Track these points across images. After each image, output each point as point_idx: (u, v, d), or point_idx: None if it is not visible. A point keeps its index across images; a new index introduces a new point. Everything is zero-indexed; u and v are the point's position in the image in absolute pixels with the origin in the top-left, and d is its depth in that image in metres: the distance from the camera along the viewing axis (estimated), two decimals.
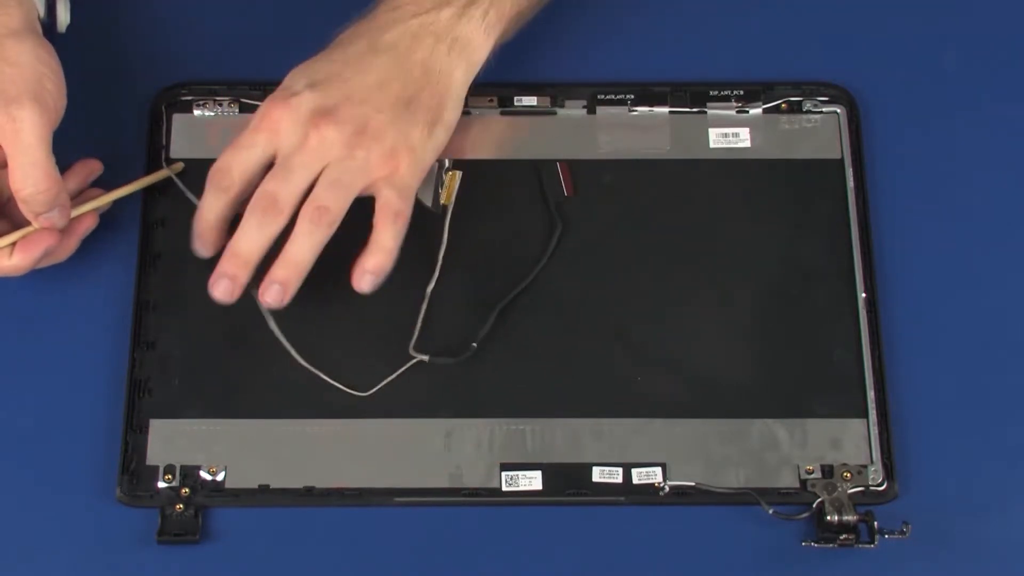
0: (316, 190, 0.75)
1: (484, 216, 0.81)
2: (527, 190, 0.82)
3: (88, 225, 0.79)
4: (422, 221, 0.79)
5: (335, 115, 0.75)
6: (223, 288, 0.75)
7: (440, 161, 0.80)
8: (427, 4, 0.78)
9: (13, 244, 0.76)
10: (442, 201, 0.81)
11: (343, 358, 0.79)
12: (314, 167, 0.75)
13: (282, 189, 0.75)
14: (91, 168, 0.80)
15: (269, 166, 0.76)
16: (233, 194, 0.76)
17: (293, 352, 0.78)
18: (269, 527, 0.76)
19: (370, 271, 0.76)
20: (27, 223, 0.76)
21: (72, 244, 0.78)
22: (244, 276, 0.75)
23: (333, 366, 0.78)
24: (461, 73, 0.78)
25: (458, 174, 0.81)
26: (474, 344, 0.79)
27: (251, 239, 0.75)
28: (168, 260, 0.81)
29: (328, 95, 0.76)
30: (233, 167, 0.76)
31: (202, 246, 0.77)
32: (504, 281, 0.80)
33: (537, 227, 0.82)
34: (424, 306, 0.79)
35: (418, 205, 0.78)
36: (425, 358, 0.78)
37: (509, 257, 0.81)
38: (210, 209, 0.76)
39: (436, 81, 0.78)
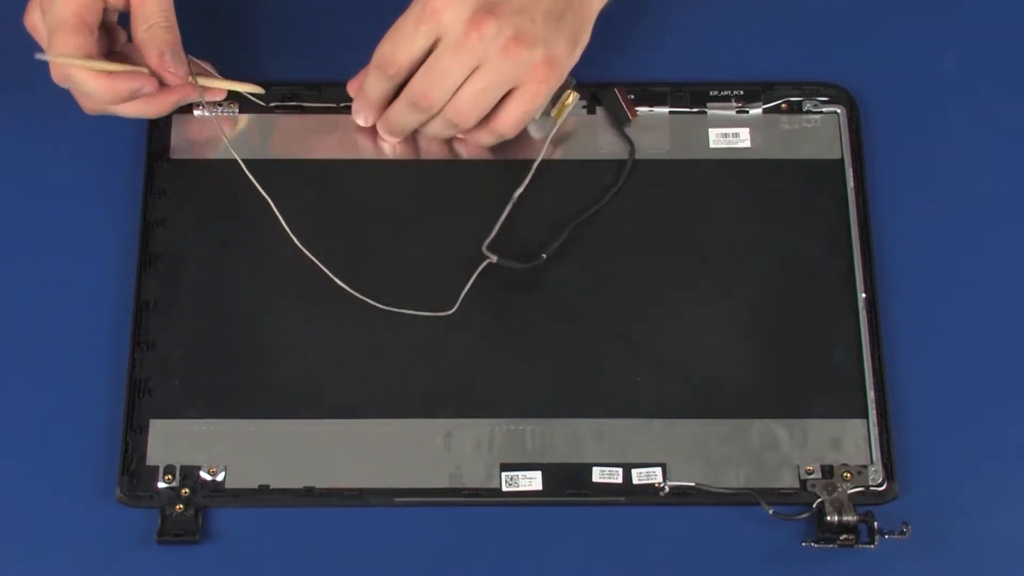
0: (462, 96, 0.78)
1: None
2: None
3: (188, 93, 0.80)
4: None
5: (496, 16, 0.76)
6: (361, 121, 0.82)
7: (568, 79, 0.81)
8: None
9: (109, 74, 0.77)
10: (552, 114, 0.82)
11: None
12: (469, 66, 0.77)
13: (435, 88, 0.78)
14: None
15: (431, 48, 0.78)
16: (398, 80, 0.79)
17: (369, 300, 0.79)
18: (269, 527, 0.76)
19: (478, 142, 0.82)
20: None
21: (166, 102, 0.79)
22: (390, 139, 0.83)
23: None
24: (600, 1, 0.81)
25: (575, 95, 0.82)
26: (544, 255, 0.80)
27: (400, 122, 0.81)
28: (168, 260, 0.81)
29: None
30: (399, 57, 0.77)
31: (362, 119, 0.82)
32: (582, 197, 0.82)
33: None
34: (508, 209, 0.80)
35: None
36: (494, 258, 0.79)
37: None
38: (374, 89, 0.80)
39: (580, 3, 0.79)
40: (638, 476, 0.77)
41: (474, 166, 0.83)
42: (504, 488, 0.77)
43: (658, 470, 0.77)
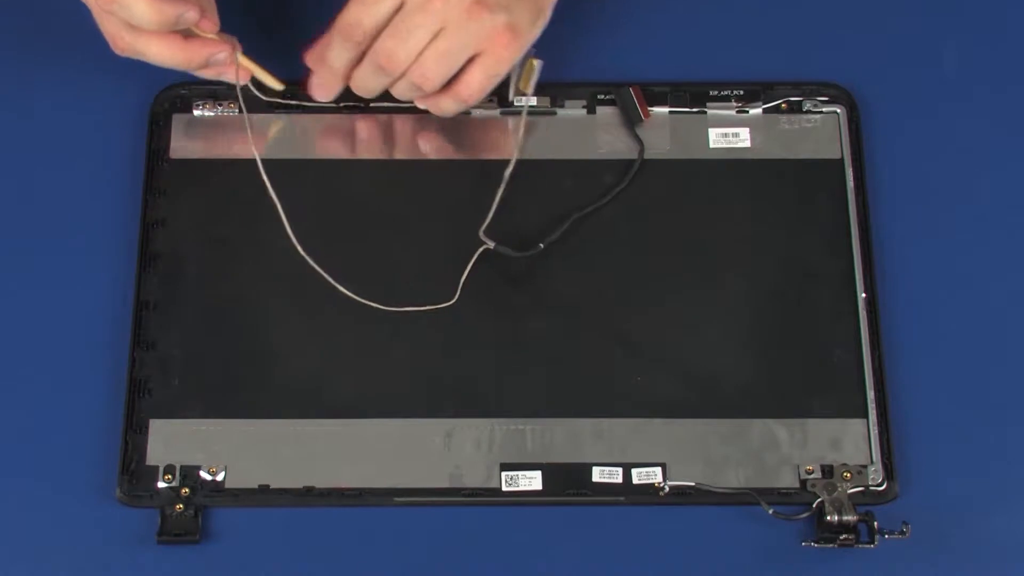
0: (426, 57, 0.78)
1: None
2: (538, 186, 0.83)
3: (220, 49, 0.79)
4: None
5: None
6: (323, 95, 0.82)
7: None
8: None
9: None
10: (520, 86, 0.82)
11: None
12: (433, 27, 0.78)
13: (400, 48, 0.78)
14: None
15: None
16: (364, 46, 0.79)
17: (371, 303, 0.78)
18: (269, 527, 0.76)
19: (441, 108, 0.81)
20: None
21: (198, 54, 0.79)
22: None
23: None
24: None
25: (539, 62, 0.82)
26: (541, 244, 0.80)
27: (365, 85, 0.81)
28: (168, 260, 0.81)
29: None
30: (364, 21, 0.78)
31: (324, 93, 0.82)
32: (582, 196, 0.82)
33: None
34: (500, 191, 0.80)
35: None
36: (491, 244, 0.79)
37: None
38: (338, 58, 0.80)
39: None
40: (638, 476, 0.77)
41: (473, 165, 0.83)
42: (504, 488, 0.77)
43: (658, 470, 0.77)
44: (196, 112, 0.84)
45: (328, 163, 0.83)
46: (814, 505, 0.76)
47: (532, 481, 0.77)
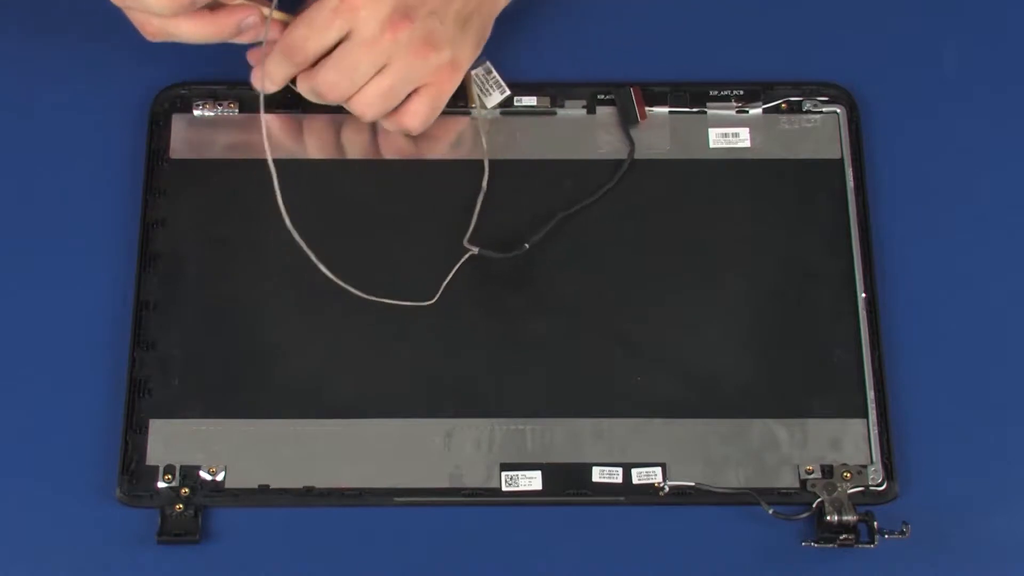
0: (368, 92, 0.78)
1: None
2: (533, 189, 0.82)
3: (248, 13, 0.78)
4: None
5: (411, 19, 0.77)
6: (260, 91, 0.80)
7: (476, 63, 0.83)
8: None
9: None
10: (470, 102, 0.83)
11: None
12: (378, 64, 0.78)
13: (344, 81, 0.78)
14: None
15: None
16: (304, 67, 0.79)
17: (351, 288, 0.78)
18: (269, 527, 0.76)
19: (384, 128, 0.82)
20: None
21: (228, 24, 0.78)
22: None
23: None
24: (504, 1, 0.82)
25: (482, 69, 0.83)
26: (526, 244, 0.80)
27: (313, 98, 0.80)
28: (168, 260, 0.81)
29: None
30: (308, 47, 0.78)
31: (259, 89, 0.80)
32: (580, 197, 0.82)
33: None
34: (480, 199, 0.81)
35: None
36: (475, 250, 0.79)
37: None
38: (277, 71, 0.79)
39: (487, 6, 0.81)
40: (638, 476, 0.77)
41: (472, 164, 0.83)
42: (504, 488, 0.77)
43: (658, 470, 0.77)
44: (196, 112, 0.84)
45: (328, 163, 0.83)
46: (814, 505, 0.76)
47: (532, 481, 0.77)
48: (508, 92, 0.84)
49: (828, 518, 0.75)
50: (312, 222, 0.79)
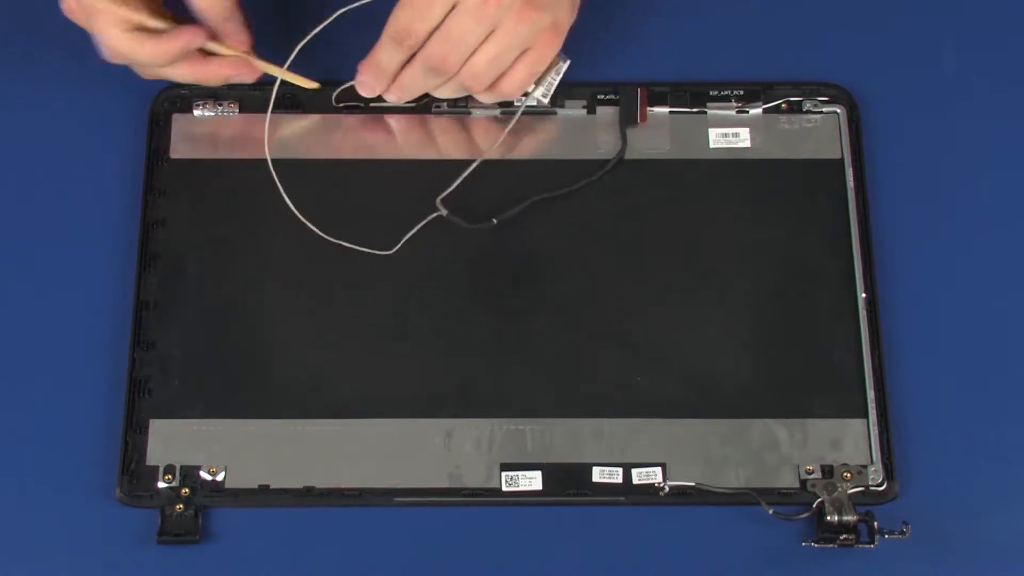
0: (478, 60, 0.79)
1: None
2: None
3: (242, 70, 0.81)
4: None
5: None
6: (367, 91, 0.82)
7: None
8: None
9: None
10: (536, 93, 0.83)
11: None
12: (485, 31, 0.78)
13: (453, 53, 0.78)
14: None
15: None
16: (415, 49, 0.79)
17: (311, 226, 0.79)
18: (269, 527, 0.76)
19: (481, 100, 0.82)
20: None
21: (219, 73, 0.81)
22: (396, 100, 0.83)
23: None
24: None
25: (565, 64, 0.83)
26: (494, 220, 0.80)
27: (414, 87, 0.81)
28: (168, 260, 0.81)
29: None
30: (418, 28, 0.78)
31: (368, 90, 0.82)
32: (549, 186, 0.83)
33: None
34: (472, 167, 0.81)
35: None
36: (444, 212, 0.79)
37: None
38: (389, 61, 0.80)
39: None
40: (638, 476, 0.77)
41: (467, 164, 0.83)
42: (504, 488, 0.77)
43: (658, 470, 0.77)
44: (196, 112, 0.84)
45: (330, 164, 0.83)
46: (814, 505, 0.76)
47: (532, 481, 0.77)
48: (546, 101, 0.84)
49: (828, 518, 0.75)
50: (315, 219, 0.80)
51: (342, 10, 0.79)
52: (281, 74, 0.82)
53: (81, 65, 0.84)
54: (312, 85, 0.83)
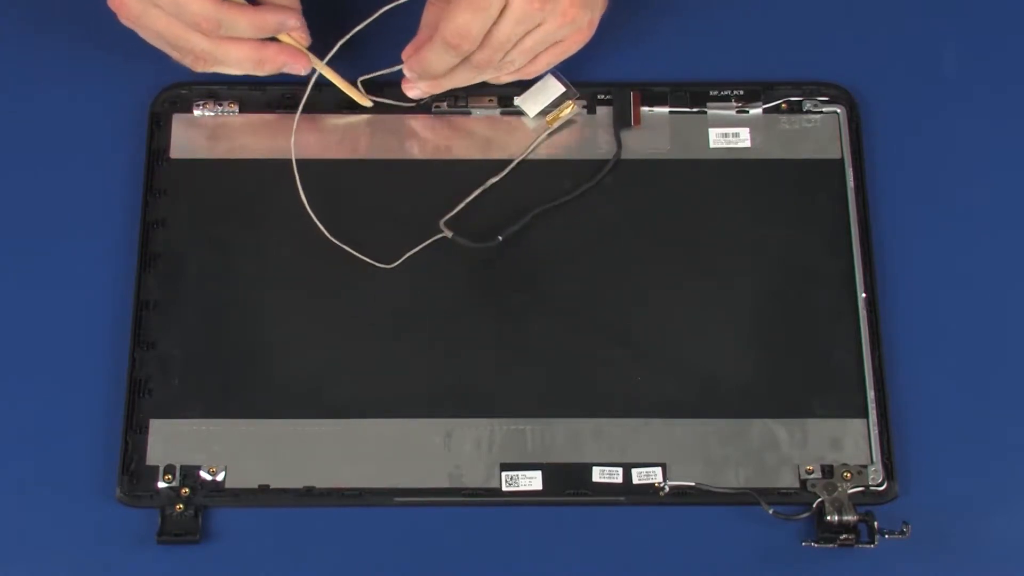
0: (513, 54, 0.80)
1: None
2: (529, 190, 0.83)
3: (299, 62, 0.81)
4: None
5: None
6: (417, 94, 0.83)
7: (569, 88, 0.83)
8: None
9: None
10: (547, 119, 0.83)
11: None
12: (530, 27, 0.79)
13: (497, 54, 0.80)
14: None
15: None
16: (468, 54, 0.80)
17: (323, 228, 0.79)
18: (269, 527, 0.76)
19: (500, 80, 0.83)
20: None
21: (275, 62, 0.81)
22: (424, 95, 0.83)
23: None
24: None
25: (574, 107, 0.83)
26: (500, 237, 0.80)
27: (462, 80, 0.82)
28: (168, 260, 0.81)
29: None
30: (474, 31, 0.78)
31: (418, 92, 0.83)
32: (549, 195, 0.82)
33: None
34: (476, 193, 0.81)
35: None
36: (449, 234, 0.79)
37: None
38: (440, 64, 0.80)
39: None
40: (638, 476, 0.77)
41: (473, 164, 0.83)
42: (504, 488, 0.77)
43: (658, 470, 0.77)
44: (196, 112, 0.84)
45: (331, 163, 0.83)
46: (814, 505, 0.76)
47: (532, 481, 0.77)
48: (531, 115, 0.84)
49: (828, 518, 0.75)
50: (320, 218, 0.80)
51: (387, 7, 0.79)
52: (338, 82, 0.82)
53: (82, 65, 0.84)
54: (366, 102, 0.83)
